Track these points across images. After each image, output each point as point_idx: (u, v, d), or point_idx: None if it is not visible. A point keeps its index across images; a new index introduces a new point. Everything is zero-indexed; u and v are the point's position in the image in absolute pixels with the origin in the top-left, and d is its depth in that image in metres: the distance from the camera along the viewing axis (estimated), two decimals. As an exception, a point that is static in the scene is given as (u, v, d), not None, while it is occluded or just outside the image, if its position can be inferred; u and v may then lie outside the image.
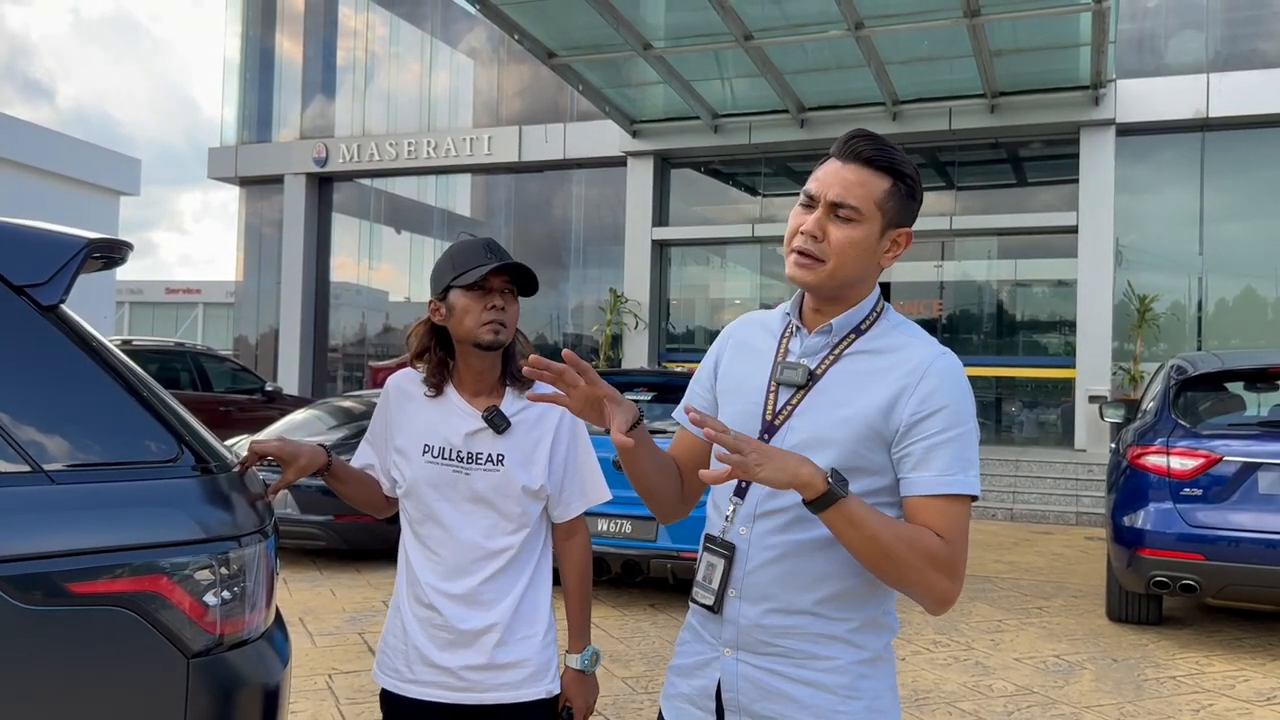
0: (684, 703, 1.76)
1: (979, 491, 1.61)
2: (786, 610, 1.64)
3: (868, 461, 1.62)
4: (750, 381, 1.75)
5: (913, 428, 1.59)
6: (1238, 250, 14.89)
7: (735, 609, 1.66)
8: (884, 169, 1.64)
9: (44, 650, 1.69)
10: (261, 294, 22.26)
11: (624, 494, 6.72)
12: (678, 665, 1.79)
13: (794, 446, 1.62)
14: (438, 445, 2.18)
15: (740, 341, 1.84)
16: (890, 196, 1.64)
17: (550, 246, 19.72)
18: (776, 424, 1.68)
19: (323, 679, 5.04)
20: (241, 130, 22.25)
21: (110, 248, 2.09)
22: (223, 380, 12.93)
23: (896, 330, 1.71)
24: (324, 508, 7.59)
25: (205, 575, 1.82)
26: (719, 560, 1.67)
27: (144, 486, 1.84)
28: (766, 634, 1.65)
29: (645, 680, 5.14)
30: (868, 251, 1.65)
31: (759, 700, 1.65)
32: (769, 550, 1.64)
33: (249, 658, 1.90)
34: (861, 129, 1.68)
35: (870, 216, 1.63)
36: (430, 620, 2.16)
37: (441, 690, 2.15)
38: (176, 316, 47.30)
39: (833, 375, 1.68)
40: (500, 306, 2.14)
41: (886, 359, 1.66)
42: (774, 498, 1.64)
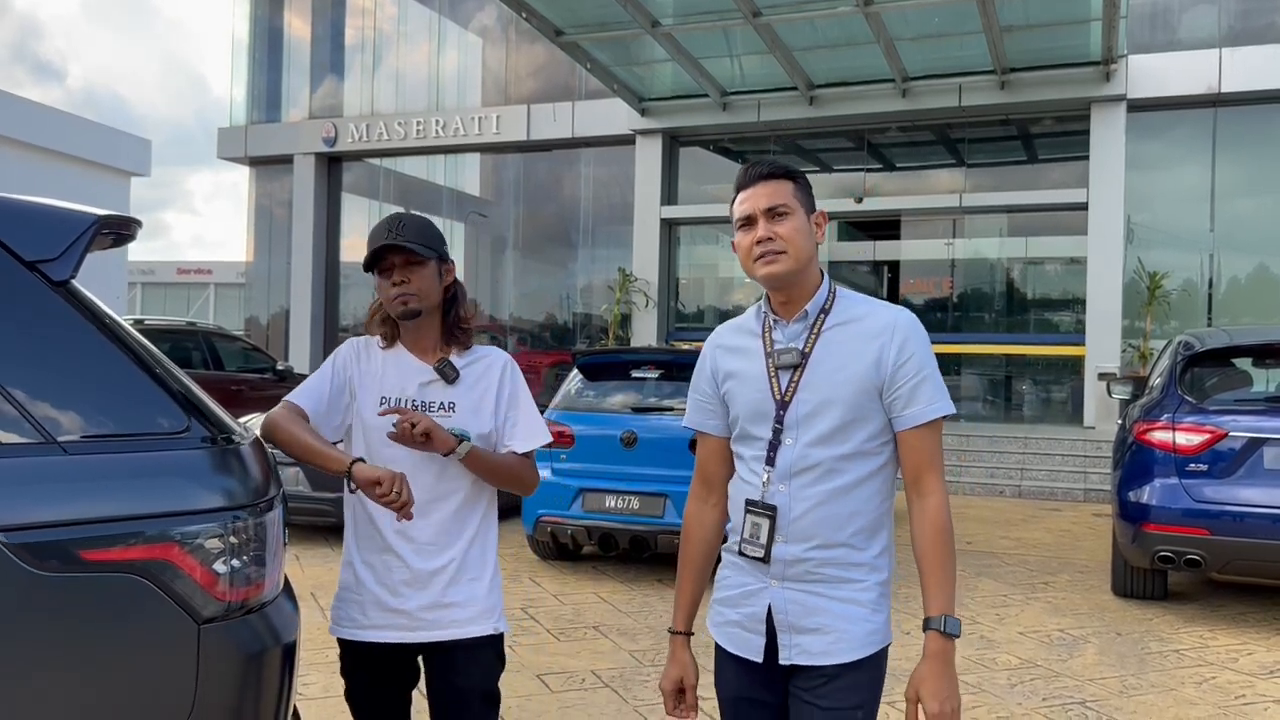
0: (735, 628, 2.11)
1: (954, 409, 2.08)
2: (826, 545, 2.03)
3: (865, 411, 2.04)
4: (751, 374, 2.12)
5: (897, 373, 2.03)
6: (1249, 227, 14.81)
7: (781, 551, 2.04)
8: (781, 177, 2.09)
9: (59, 615, 1.74)
10: (272, 274, 22.34)
11: (632, 470, 6.80)
12: (723, 598, 2.16)
13: (806, 414, 2.04)
14: (394, 396, 2.36)
15: (726, 348, 2.21)
16: (797, 192, 2.08)
17: (559, 226, 19.72)
18: (787, 400, 2.06)
19: (333, 652, 5.07)
20: (251, 110, 22.27)
21: (120, 224, 2.13)
22: (234, 360, 13.01)
23: (854, 303, 2.12)
24: (335, 485, 7.66)
25: (215, 544, 1.87)
26: (764, 519, 2.05)
27: (154, 457, 1.88)
28: (809, 566, 2.04)
29: (652, 654, 5.20)
30: (807, 233, 2.07)
31: (805, 618, 2.04)
32: (807, 500, 2.03)
33: (258, 624, 1.95)
34: (749, 163, 2.15)
35: (795, 208, 2.06)
36: (386, 565, 2.32)
37: (398, 631, 2.33)
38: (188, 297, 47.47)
39: (820, 350, 2.07)
40: (401, 281, 2.33)
41: (858, 326, 2.07)
42: (803, 459, 2.04)
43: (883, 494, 2.08)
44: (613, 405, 7.09)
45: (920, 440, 2.04)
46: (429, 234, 2.39)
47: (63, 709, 1.73)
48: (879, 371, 2.02)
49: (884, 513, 2.08)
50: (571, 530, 6.89)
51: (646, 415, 6.94)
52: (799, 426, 2.05)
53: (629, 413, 6.98)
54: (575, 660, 5.04)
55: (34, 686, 1.71)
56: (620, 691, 4.60)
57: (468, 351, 2.44)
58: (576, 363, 7.55)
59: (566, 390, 7.36)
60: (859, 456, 2.03)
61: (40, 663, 1.72)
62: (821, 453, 2.02)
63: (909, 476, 2.06)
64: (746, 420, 2.11)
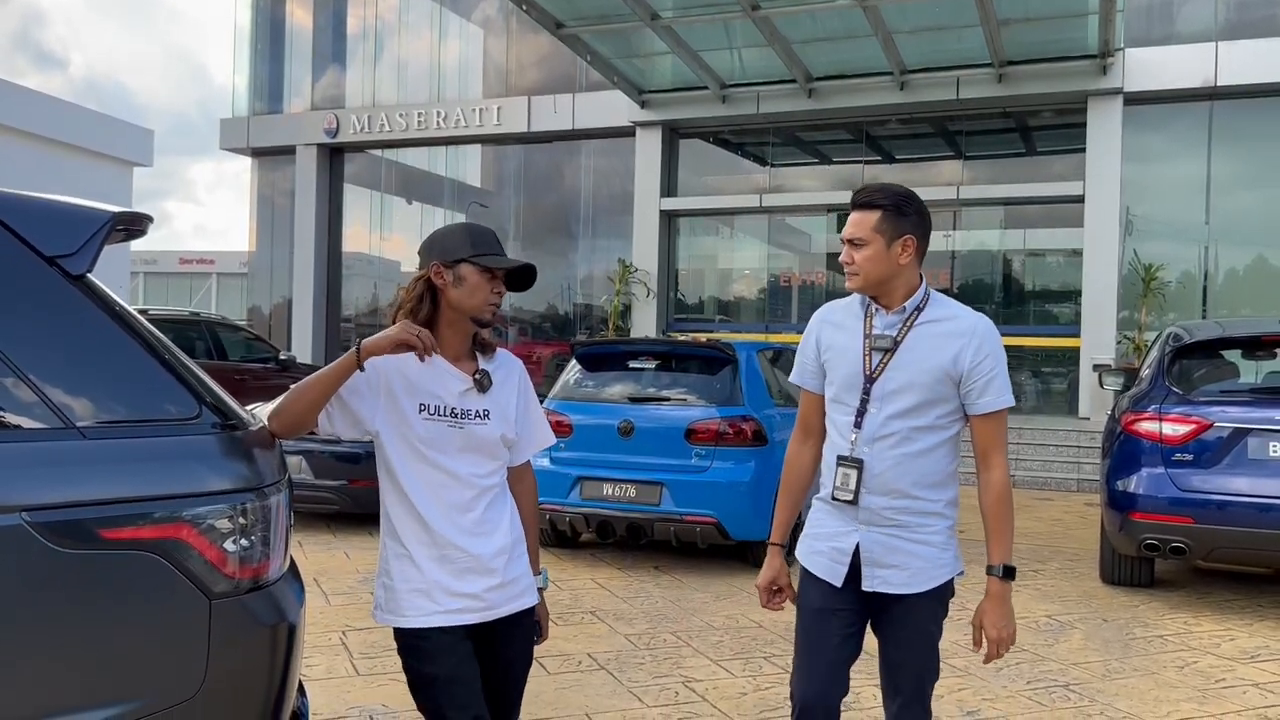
0: (823, 558, 2.63)
1: (1014, 401, 2.58)
2: (903, 495, 2.54)
3: (940, 394, 2.52)
4: (850, 350, 2.61)
5: (974, 370, 2.51)
6: (1245, 220, 14.88)
7: (867, 500, 2.55)
8: (872, 207, 2.53)
9: (79, 590, 1.86)
10: (274, 264, 22.43)
11: (629, 460, 6.91)
12: (815, 533, 2.67)
13: (889, 391, 2.53)
14: (433, 404, 2.42)
15: (832, 323, 2.69)
16: (882, 221, 2.52)
17: (559, 217, 19.81)
18: (875, 377, 2.54)
19: (337, 635, 5.24)
20: (253, 101, 22.34)
21: (132, 220, 2.24)
22: (237, 349, 13.11)
23: (944, 305, 2.61)
24: (338, 473, 7.79)
25: (225, 524, 1.99)
26: (853, 470, 2.55)
27: (167, 442, 2.00)
28: (890, 513, 2.55)
29: (647, 637, 5.32)
30: (881, 259, 2.53)
31: (886, 555, 2.56)
32: (886, 461, 2.53)
33: (266, 601, 2.06)
34: (865, 186, 2.58)
35: (872, 239, 2.52)
36: (447, 556, 2.41)
37: (467, 614, 2.43)
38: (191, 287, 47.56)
39: (910, 340, 2.55)
40: (502, 293, 2.47)
41: (945, 325, 2.56)
42: (885, 425, 2.52)
43: (949, 458, 2.58)
44: (611, 395, 7.20)
45: (989, 425, 2.54)
46: None
47: (83, 678, 1.85)
48: (957, 366, 2.50)
49: (950, 473, 2.59)
50: (569, 518, 7.00)
51: (644, 405, 7.05)
52: (883, 399, 2.53)
53: (627, 403, 7.09)
54: (572, 644, 5.16)
55: (57, 658, 1.83)
56: (615, 674, 4.72)
57: (488, 356, 2.55)
58: (575, 353, 7.65)
59: (565, 380, 7.47)
60: (930, 429, 2.52)
61: (62, 635, 1.84)
62: (900, 424, 2.52)
63: (979, 453, 2.56)
64: (841, 388, 2.60)
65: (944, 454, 2.55)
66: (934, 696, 4.43)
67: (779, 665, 4.89)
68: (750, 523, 6.69)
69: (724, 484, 6.63)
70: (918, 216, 2.55)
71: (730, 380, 7.01)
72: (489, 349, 2.54)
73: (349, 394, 2.37)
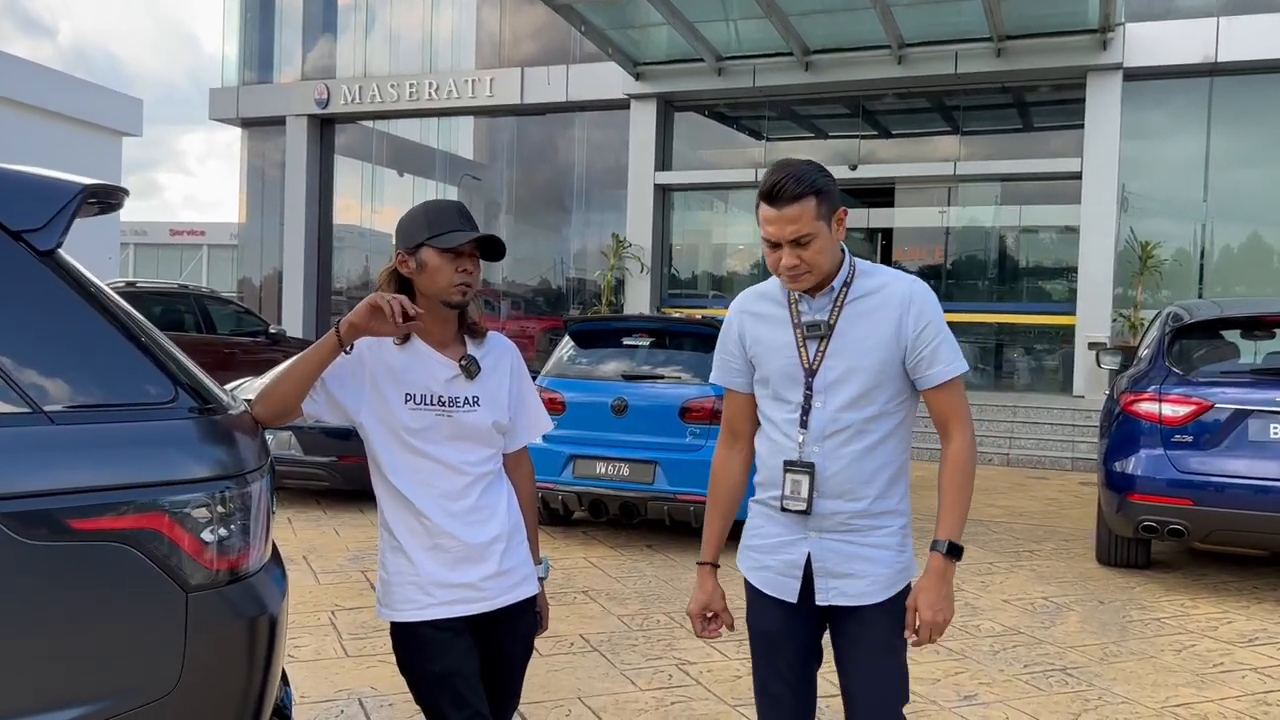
0: (770, 573, 2.36)
1: (965, 366, 2.31)
2: (858, 497, 2.28)
3: (887, 376, 2.26)
4: (779, 341, 2.33)
5: (917, 339, 2.25)
6: (1243, 197, 14.80)
7: (820, 506, 2.28)
8: (804, 197, 2.18)
9: (48, 583, 1.76)
10: (265, 236, 22.25)
11: (622, 438, 6.83)
12: (757, 545, 2.39)
13: (833, 381, 2.27)
14: (419, 393, 2.33)
15: (753, 314, 2.40)
16: (819, 206, 2.19)
17: (552, 190, 19.65)
18: (815, 368, 2.28)
19: (326, 615, 5.16)
20: (243, 71, 22.07)
21: (106, 193, 2.14)
22: (227, 323, 12.99)
23: (871, 275, 2.33)
24: (327, 449, 7.70)
25: (203, 513, 1.90)
26: (803, 476, 2.27)
27: (142, 427, 1.90)
28: (842, 518, 2.29)
29: (640, 618, 5.27)
30: (829, 247, 2.24)
31: (841, 564, 2.30)
32: (840, 459, 2.27)
33: (246, 592, 1.97)
34: (776, 173, 2.20)
35: (818, 230, 2.20)
36: (440, 546, 2.33)
37: (463, 605, 2.33)
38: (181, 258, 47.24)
39: (844, 321, 2.28)
40: (470, 270, 2.32)
41: (878, 297, 2.29)
42: (834, 422, 2.26)
43: (903, 445, 2.34)
44: (604, 373, 7.11)
45: (944, 396, 2.29)
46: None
47: (55, 676, 1.77)
48: (899, 340, 2.25)
49: (903, 464, 2.35)
50: (562, 496, 6.93)
51: (637, 383, 6.97)
52: (827, 391, 2.27)
53: (620, 380, 7.00)
54: (564, 624, 5.10)
55: (26, 655, 1.74)
56: (608, 655, 4.66)
57: (478, 341, 2.44)
58: (568, 330, 7.56)
59: (558, 357, 7.38)
60: (883, 416, 2.28)
61: (32, 631, 1.75)
62: (851, 415, 2.26)
63: (938, 427, 2.32)
64: (778, 384, 2.33)
65: (897, 442, 2.31)
66: (930, 680, 4.42)
67: (774, 647, 4.83)
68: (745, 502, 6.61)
69: (718, 463, 6.55)
70: (836, 185, 2.27)
71: (725, 358, 6.91)
72: (479, 333, 2.43)
73: (333, 380, 2.28)
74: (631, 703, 4.11)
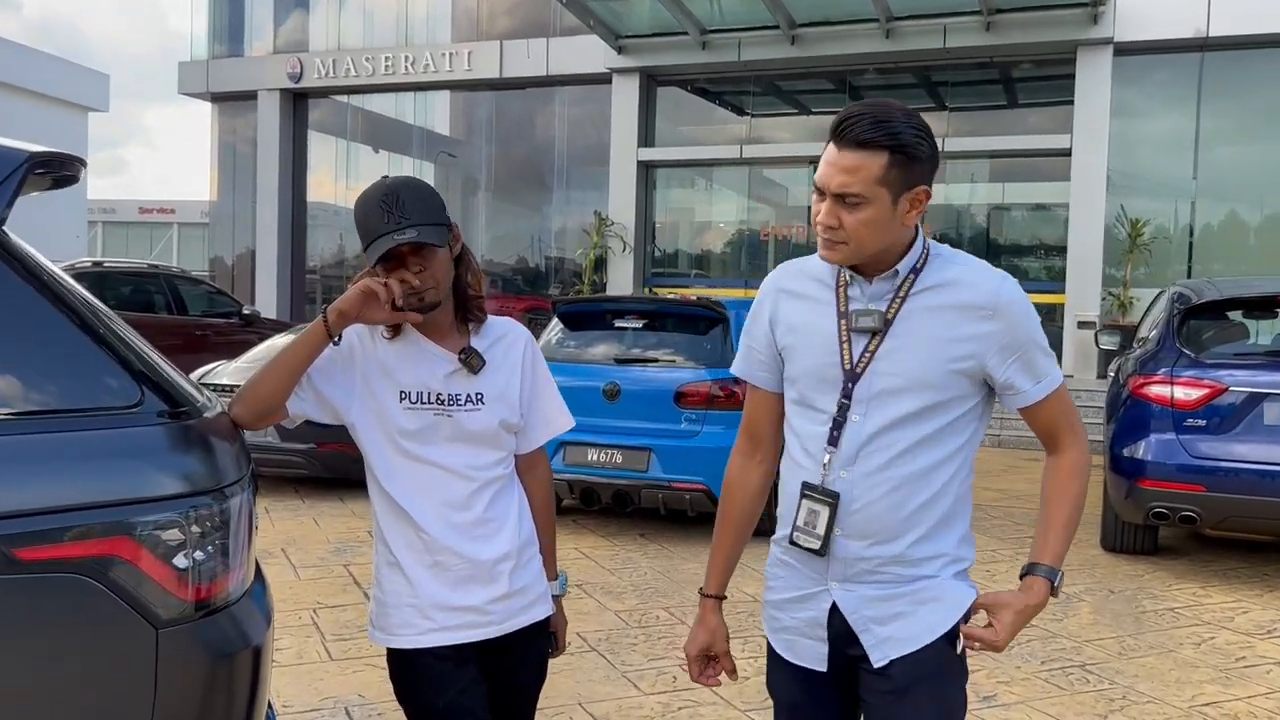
0: (793, 635, 1.90)
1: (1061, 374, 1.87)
2: (891, 539, 1.78)
3: (956, 392, 1.78)
4: (818, 331, 1.83)
5: (1004, 351, 1.77)
6: (1233, 175, 14.65)
7: (842, 547, 1.80)
8: (878, 147, 1.68)
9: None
10: (237, 214, 21.77)
11: (615, 424, 6.58)
12: (776, 600, 1.93)
13: (880, 391, 1.77)
14: (415, 390, 2.05)
15: (790, 293, 1.91)
16: (890, 169, 1.69)
17: (532, 167, 19.28)
18: (859, 372, 1.78)
19: (307, 613, 4.91)
20: (213, 44, 21.50)
21: (58, 163, 1.85)
22: (198, 303, 12.61)
23: (949, 263, 1.82)
24: (305, 436, 7.40)
25: (174, 535, 1.63)
26: (822, 507, 1.79)
27: (101, 436, 1.63)
28: (870, 564, 1.79)
29: (638, 614, 5.04)
30: (884, 224, 1.73)
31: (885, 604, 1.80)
32: (873, 489, 1.77)
33: (227, 623, 1.72)
34: (857, 106, 1.72)
35: (875, 196, 1.70)
36: (442, 563, 2.05)
37: (467, 630, 2.06)
38: (151, 237, 46.44)
39: (906, 317, 1.78)
40: (410, 278, 1.97)
41: (952, 292, 1.78)
42: (871, 441, 1.77)
43: (962, 475, 1.82)
44: (595, 356, 6.86)
45: (1046, 410, 1.83)
46: (433, 206, 2.00)
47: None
48: (978, 351, 1.76)
49: (961, 496, 1.82)
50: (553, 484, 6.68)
51: (630, 367, 6.72)
52: (870, 403, 1.77)
53: (612, 364, 6.75)
54: (559, 622, 4.87)
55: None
56: (608, 656, 4.44)
57: (484, 327, 2.14)
58: (556, 311, 7.28)
59: (546, 340, 7.11)
60: (940, 438, 1.78)
61: (-30, 676, 1.48)
62: (896, 435, 1.76)
63: (1043, 441, 1.87)
64: (807, 386, 1.85)
65: (954, 471, 1.80)
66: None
67: (780, 644, 4.62)
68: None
69: (715, 449, 6.31)
70: (933, 157, 1.75)
71: (721, 340, 6.68)
72: (477, 317, 2.11)
73: (319, 376, 2.01)
74: (636, 709, 3.89)
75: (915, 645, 1.78)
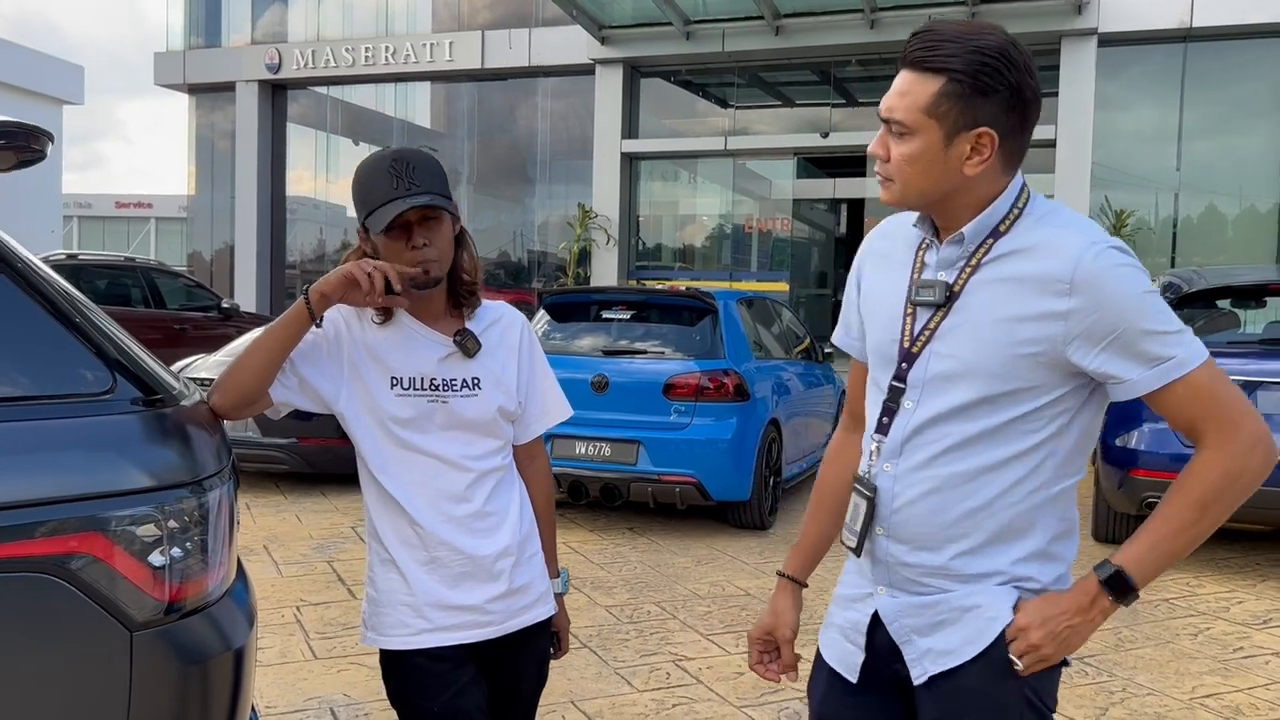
0: (837, 634, 1.72)
1: (1204, 353, 1.46)
2: (932, 546, 1.55)
3: (1026, 382, 1.48)
4: (888, 302, 1.62)
5: (1089, 337, 1.45)
6: (1216, 166, 14.68)
7: (884, 549, 1.60)
8: (932, 71, 1.46)
9: (-49, 625, 1.38)
10: (215, 208, 21.51)
11: (603, 416, 6.48)
12: (839, 595, 1.75)
13: (935, 375, 1.54)
14: (408, 376, 1.94)
15: (879, 254, 1.70)
16: (942, 100, 1.46)
17: (515, 159, 19.12)
18: (915, 351, 1.56)
19: (290, 611, 4.79)
20: (189, 35, 21.21)
21: (21, 135, 1.74)
22: (177, 297, 12.42)
23: (1042, 224, 1.51)
24: (287, 430, 7.27)
25: (149, 530, 1.52)
26: (862, 501, 1.61)
27: (70, 425, 1.52)
28: (912, 573, 1.58)
29: (629, 609, 4.95)
30: (933, 165, 1.50)
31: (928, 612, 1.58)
32: (916, 486, 1.55)
33: (206, 625, 1.61)
34: (927, 26, 1.51)
35: (921, 127, 1.48)
36: (439, 560, 1.95)
37: (465, 631, 1.96)
38: (128, 231, 45.92)
39: (973, 289, 1.52)
40: (424, 244, 1.88)
41: (1028, 260, 1.49)
42: (920, 432, 1.54)
43: (1040, 481, 1.52)
44: (582, 348, 6.75)
45: (1170, 402, 1.46)
46: (441, 177, 1.90)
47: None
48: (1050, 336, 1.46)
49: (1038, 506, 1.52)
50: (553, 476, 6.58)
51: (618, 359, 6.62)
52: (925, 388, 1.55)
53: (600, 356, 6.65)
54: (549, 618, 4.77)
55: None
56: (599, 652, 4.34)
57: (478, 311, 2.04)
58: (543, 303, 7.18)
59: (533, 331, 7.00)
60: (1006, 435, 1.50)
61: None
62: (946, 428, 1.52)
63: (1184, 433, 1.50)
64: (874, 363, 1.65)
65: (1026, 474, 1.51)
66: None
67: (773, 639, 4.54)
68: (732, 482, 6.32)
69: (705, 442, 6.24)
70: (1010, 95, 1.46)
71: (710, 331, 6.59)
72: (473, 301, 2.01)
73: (302, 361, 1.90)
74: (630, 706, 3.80)
75: (960, 658, 1.55)
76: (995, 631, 1.52)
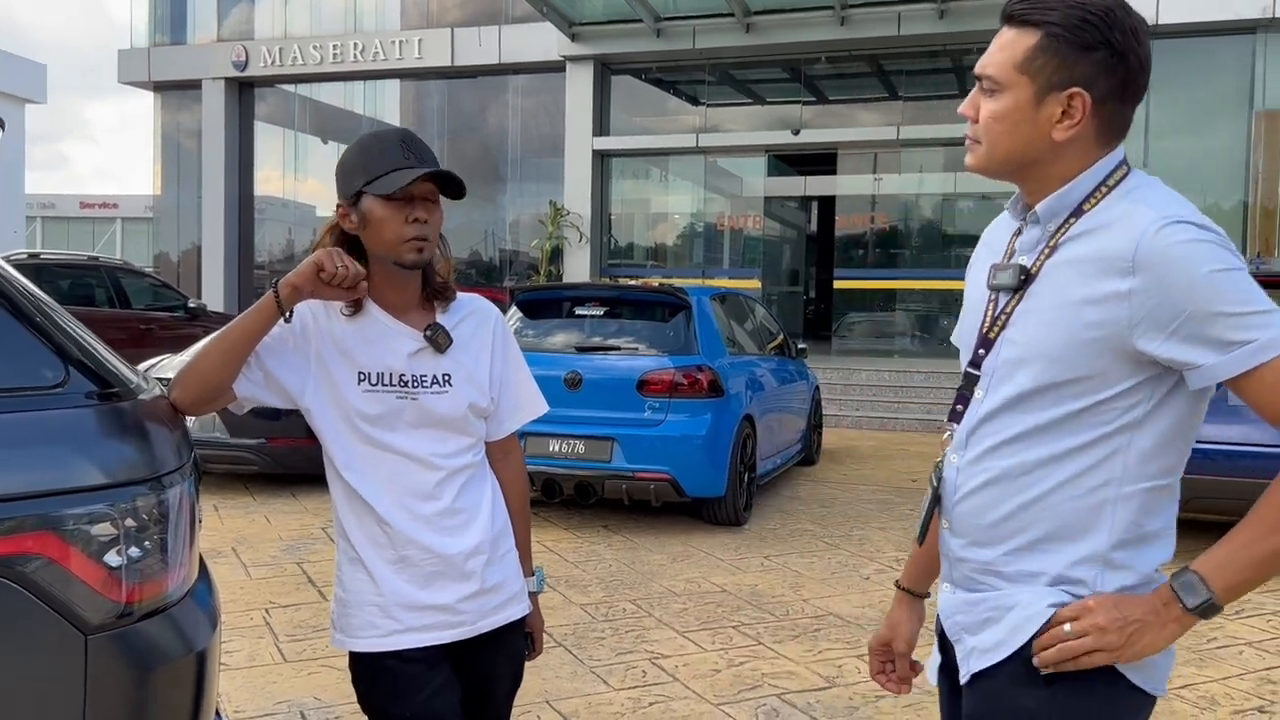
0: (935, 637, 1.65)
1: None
2: (983, 542, 1.47)
3: (1091, 369, 1.37)
4: (979, 288, 1.55)
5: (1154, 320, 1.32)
6: (1183, 163, 14.82)
7: (946, 542, 1.54)
8: (1030, 24, 1.39)
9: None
10: (182, 208, 21.25)
11: (576, 413, 6.43)
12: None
13: (1004, 362, 1.45)
14: (375, 371, 1.88)
15: (985, 244, 1.62)
16: (1037, 54, 1.39)
17: (485, 157, 19.02)
18: (991, 337, 1.48)
19: (259, 614, 4.70)
20: (154, 32, 20.94)
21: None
22: (142, 297, 12.23)
23: (1123, 199, 1.40)
24: (255, 430, 7.16)
25: (105, 529, 1.46)
26: (929, 491, 1.55)
27: (19, 419, 1.45)
28: (969, 568, 1.50)
29: (605, 607, 4.90)
30: (1020, 124, 1.41)
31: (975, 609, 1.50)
32: (975, 478, 1.47)
33: (167, 626, 1.55)
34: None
35: (1012, 83, 1.41)
36: (408, 559, 1.89)
37: (436, 631, 1.90)
38: (94, 232, 45.29)
39: (1048, 272, 1.42)
40: (424, 218, 1.86)
41: (1100, 239, 1.38)
42: (986, 422, 1.46)
43: (1098, 479, 1.39)
44: (555, 344, 6.70)
45: (1256, 388, 1.32)
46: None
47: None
48: (1112, 319, 1.34)
49: (1095, 506, 1.39)
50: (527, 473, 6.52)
51: (592, 355, 6.57)
52: (994, 376, 1.46)
53: (573, 352, 6.60)
54: (523, 618, 4.71)
55: None
56: (574, 651, 4.29)
57: (451, 304, 1.99)
58: (515, 300, 7.11)
59: (504, 328, 6.94)
60: (1063, 426, 1.40)
61: None
62: (1009, 419, 1.43)
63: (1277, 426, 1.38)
64: (961, 351, 1.59)
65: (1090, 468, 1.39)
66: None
67: (749, 635, 4.51)
68: (707, 478, 6.29)
69: (679, 438, 6.21)
70: (1110, 55, 1.38)
71: (684, 327, 6.56)
72: (447, 295, 1.96)
73: (268, 355, 1.83)
74: (605, 705, 3.75)
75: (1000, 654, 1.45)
76: (1030, 631, 1.41)
